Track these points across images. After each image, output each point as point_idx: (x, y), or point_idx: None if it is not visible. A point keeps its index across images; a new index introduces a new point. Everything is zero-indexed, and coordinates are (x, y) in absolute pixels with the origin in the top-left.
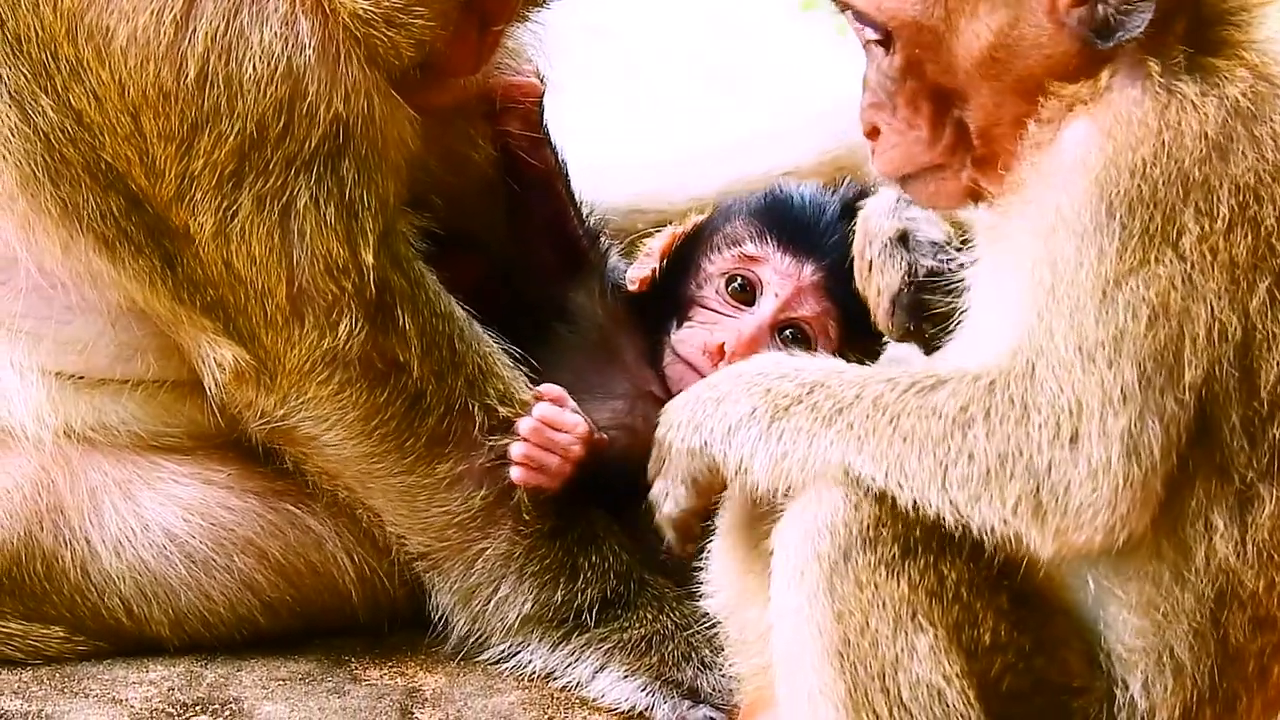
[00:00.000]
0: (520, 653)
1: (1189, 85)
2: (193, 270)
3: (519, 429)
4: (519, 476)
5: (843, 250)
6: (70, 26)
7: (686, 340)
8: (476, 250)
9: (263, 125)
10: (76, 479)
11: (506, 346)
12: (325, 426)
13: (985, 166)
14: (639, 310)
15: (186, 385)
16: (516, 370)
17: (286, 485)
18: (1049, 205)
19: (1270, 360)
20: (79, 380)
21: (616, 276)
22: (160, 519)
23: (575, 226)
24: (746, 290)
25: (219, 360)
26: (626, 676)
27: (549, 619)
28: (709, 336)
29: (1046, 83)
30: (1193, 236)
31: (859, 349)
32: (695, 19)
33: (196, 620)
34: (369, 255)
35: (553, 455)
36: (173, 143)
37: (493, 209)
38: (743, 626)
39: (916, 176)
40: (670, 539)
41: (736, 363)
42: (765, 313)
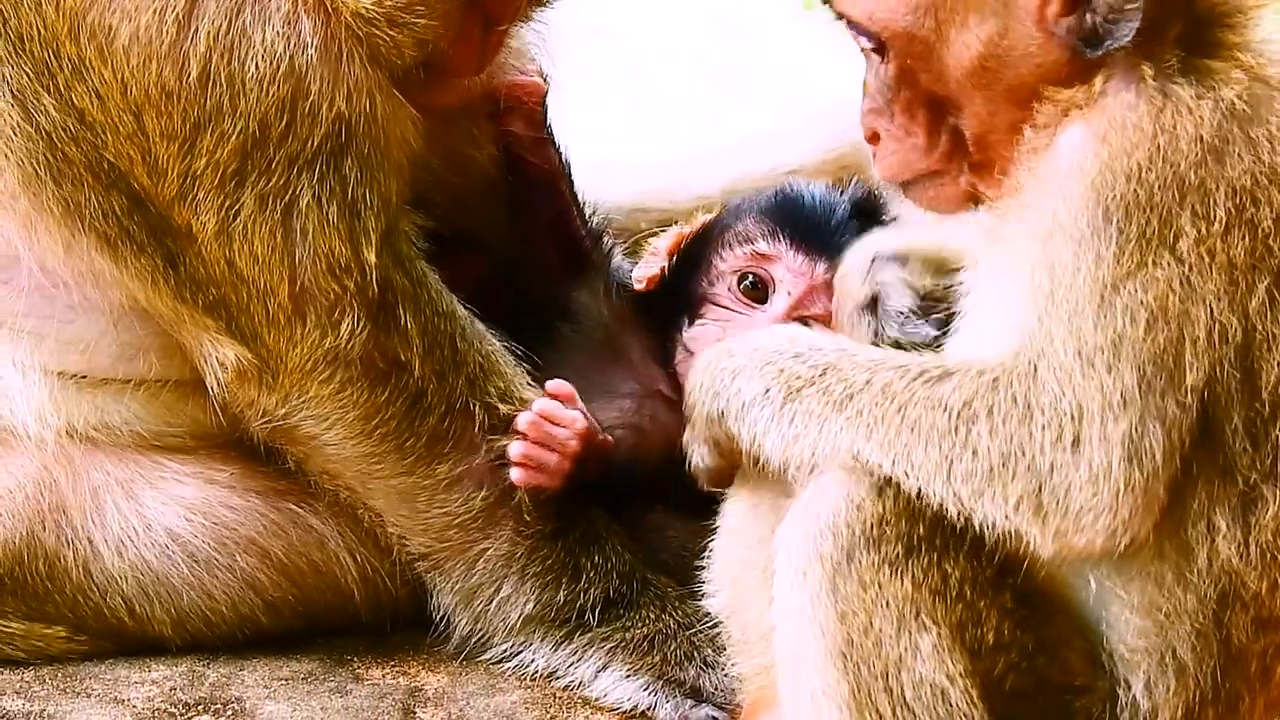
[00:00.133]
0: (522, 652)
1: (1184, 88)
2: (195, 269)
3: (518, 424)
4: (519, 478)
5: None
6: (73, 25)
7: (699, 338)
8: (479, 249)
9: (265, 124)
10: (79, 478)
11: (509, 345)
12: (326, 426)
13: (983, 172)
14: (646, 309)
15: (189, 385)
16: (519, 368)
17: (289, 485)
18: (1046, 210)
19: (1270, 361)
20: (81, 380)
21: (621, 276)
22: (163, 518)
23: (578, 226)
24: (759, 288)
25: (221, 359)
26: (629, 676)
27: (551, 619)
28: (722, 334)
29: (1040, 88)
30: (1190, 239)
31: None
32: (697, 19)
33: (199, 620)
34: (371, 254)
35: (551, 453)
36: (175, 142)
37: (495, 208)
38: (745, 626)
39: (916, 182)
40: (702, 484)
41: (753, 333)
42: (778, 310)
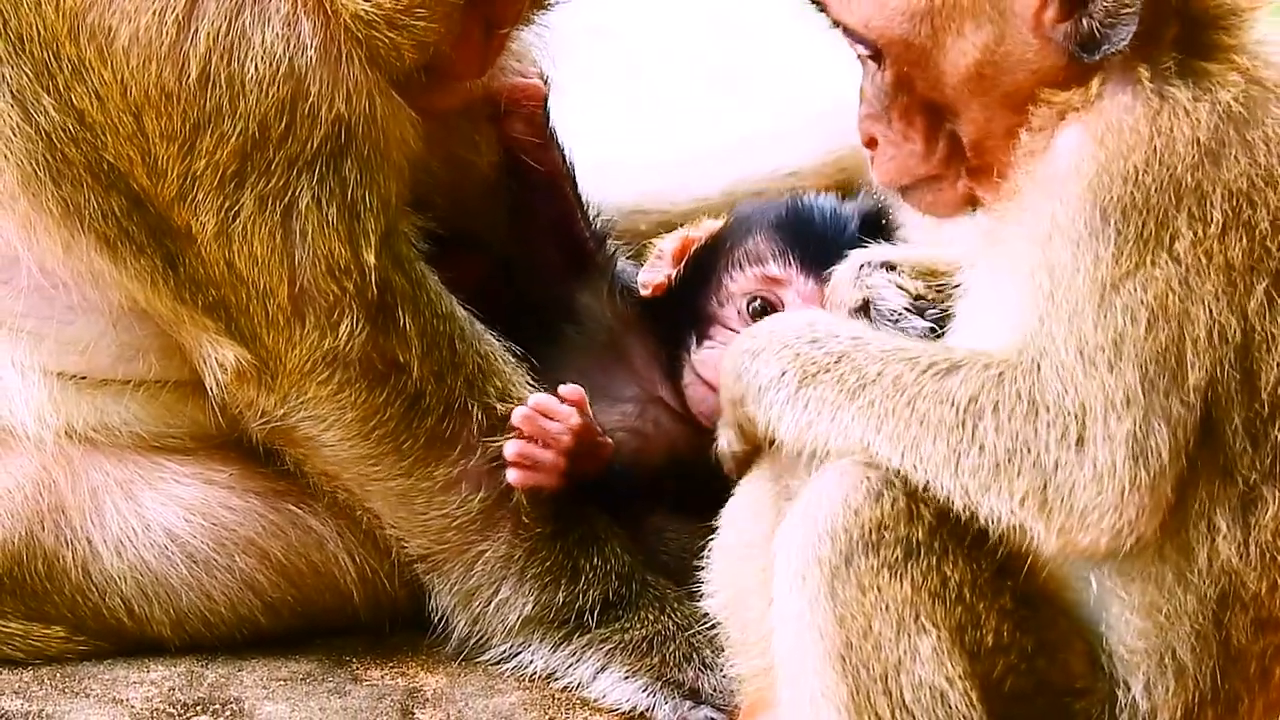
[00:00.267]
0: (521, 653)
1: (1181, 90)
2: (194, 270)
3: (513, 419)
4: (515, 478)
5: None
6: (72, 26)
7: (708, 362)
8: (479, 250)
9: (265, 125)
10: (78, 479)
11: (510, 346)
12: (324, 427)
13: (981, 176)
14: (651, 315)
15: (188, 385)
16: (518, 368)
17: (288, 485)
18: (1044, 213)
19: (1270, 361)
20: (81, 380)
21: (626, 279)
22: (162, 519)
23: (582, 228)
24: (768, 312)
25: (220, 360)
26: (628, 677)
27: (550, 620)
28: None
29: (1037, 92)
30: (1187, 240)
31: None
32: (697, 19)
33: (198, 620)
34: (371, 256)
35: (546, 449)
36: (175, 142)
37: (495, 210)
38: (744, 626)
39: (914, 187)
40: (726, 469)
41: (775, 316)
42: None
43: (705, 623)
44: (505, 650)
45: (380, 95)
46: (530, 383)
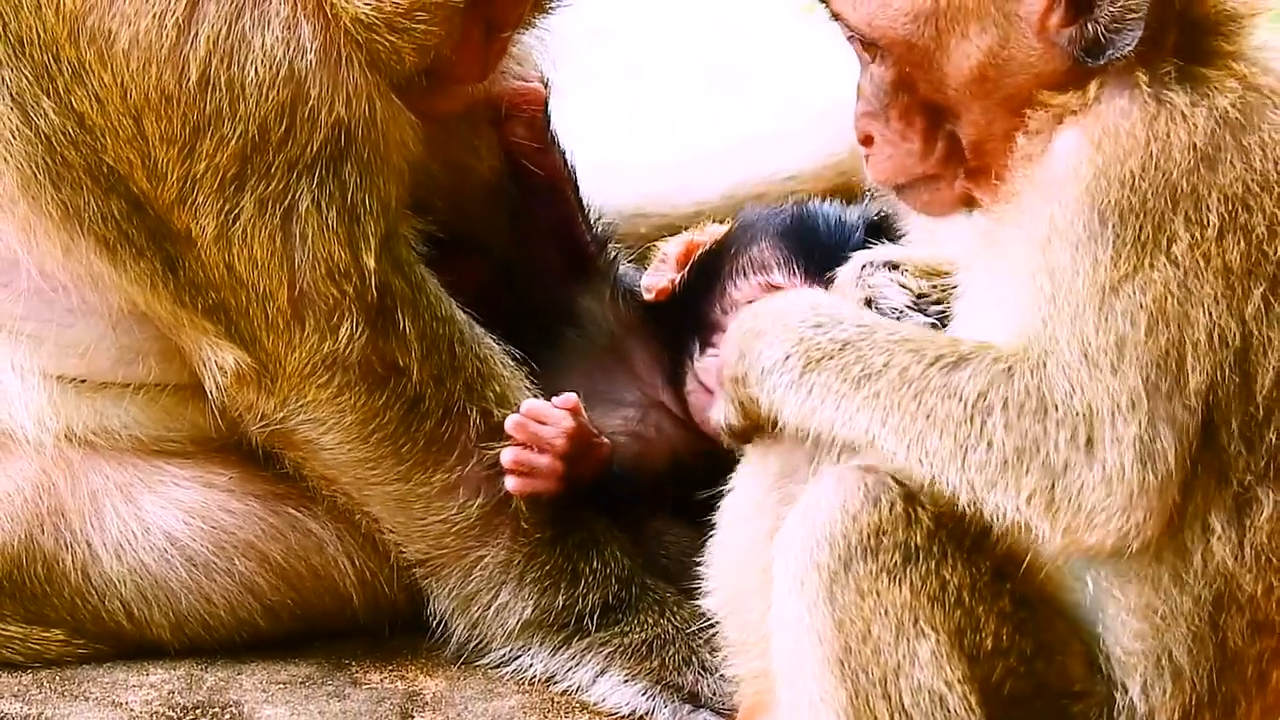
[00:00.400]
0: (521, 657)
1: (1179, 95)
2: (194, 273)
3: (506, 426)
4: (513, 486)
5: None
6: (72, 29)
7: (711, 369)
8: (480, 254)
9: (264, 129)
10: (77, 482)
11: (509, 349)
12: (323, 430)
13: (979, 177)
14: (655, 319)
15: (188, 388)
16: (518, 372)
17: (288, 489)
18: (1043, 215)
19: (1265, 365)
20: (80, 383)
21: (628, 283)
22: (161, 522)
23: (583, 232)
24: None
25: (220, 363)
26: (627, 681)
27: (550, 624)
28: None
29: (1035, 94)
30: (1184, 244)
31: None
32: (698, 20)
33: (197, 623)
34: (370, 259)
35: (541, 455)
36: (174, 146)
37: (496, 213)
38: (744, 627)
39: (910, 186)
40: (726, 443)
41: (780, 294)
42: None
43: (705, 626)
44: (505, 654)
45: (380, 99)
46: (529, 387)
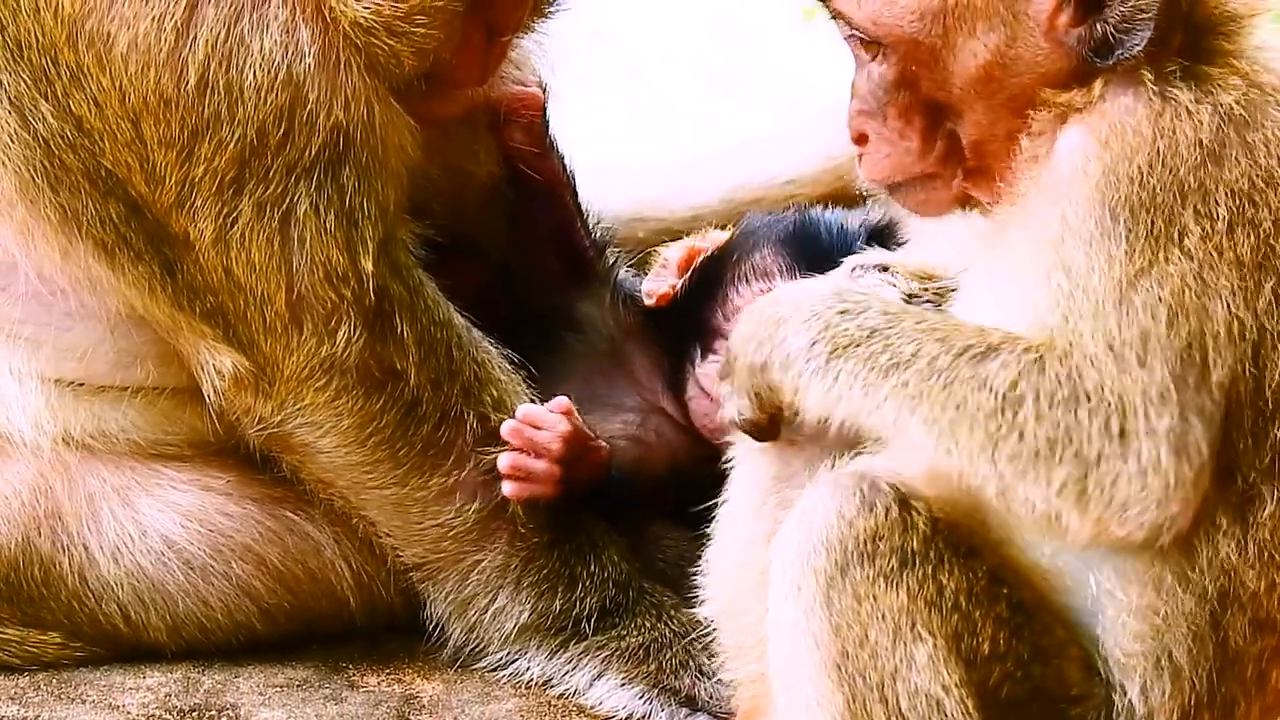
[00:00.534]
0: (518, 660)
1: (1184, 93)
2: (192, 277)
3: (502, 432)
4: (511, 491)
5: None
6: (71, 32)
7: (712, 375)
8: (478, 258)
9: (263, 132)
10: (75, 485)
11: (507, 354)
12: (321, 433)
13: (978, 177)
14: (655, 325)
15: (186, 392)
16: (515, 377)
17: (285, 492)
18: (1053, 216)
19: (1275, 359)
20: (78, 387)
21: (628, 288)
22: (158, 525)
23: (582, 237)
24: None
25: (218, 367)
26: (624, 684)
27: (547, 627)
28: None
29: (1039, 93)
30: (1195, 236)
31: None
32: (697, 22)
33: (194, 626)
34: (368, 263)
35: (538, 459)
36: (173, 149)
37: (494, 217)
38: (741, 630)
39: (905, 185)
40: (736, 437)
41: (800, 282)
42: None
43: (702, 630)
44: (502, 657)
45: (379, 102)
46: (527, 391)
